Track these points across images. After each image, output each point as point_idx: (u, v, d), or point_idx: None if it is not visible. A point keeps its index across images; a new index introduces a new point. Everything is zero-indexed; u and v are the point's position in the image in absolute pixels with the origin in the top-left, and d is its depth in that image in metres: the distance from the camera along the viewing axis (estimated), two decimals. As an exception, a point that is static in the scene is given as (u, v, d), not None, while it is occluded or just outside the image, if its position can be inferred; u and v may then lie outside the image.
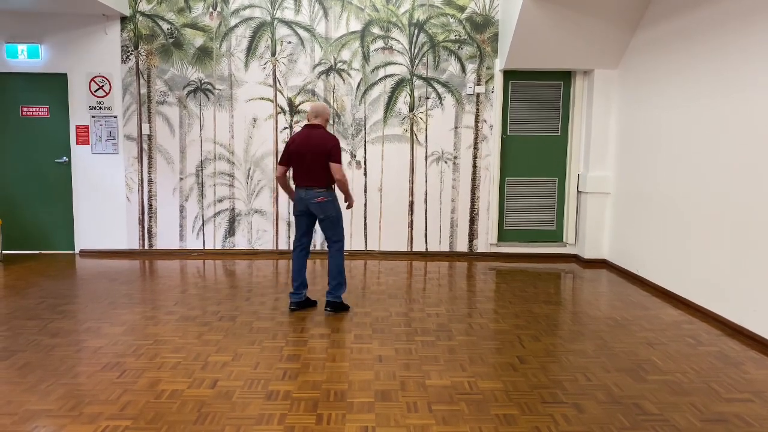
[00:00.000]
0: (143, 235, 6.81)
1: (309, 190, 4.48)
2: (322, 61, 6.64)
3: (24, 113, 6.64)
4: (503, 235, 6.92)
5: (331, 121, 6.68)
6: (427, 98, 6.69)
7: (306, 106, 6.66)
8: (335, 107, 6.68)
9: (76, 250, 6.83)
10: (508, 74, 6.67)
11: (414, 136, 6.74)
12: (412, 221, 6.87)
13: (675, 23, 5.19)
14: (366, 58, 6.64)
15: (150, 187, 6.76)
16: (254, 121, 6.69)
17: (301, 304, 4.68)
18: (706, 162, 4.71)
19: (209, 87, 6.64)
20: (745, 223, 4.22)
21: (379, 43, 6.63)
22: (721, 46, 4.53)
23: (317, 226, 4.78)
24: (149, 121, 6.67)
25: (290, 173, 4.68)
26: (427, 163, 6.78)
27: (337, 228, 4.60)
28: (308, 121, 4.59)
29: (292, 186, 4.71)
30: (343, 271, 4.61)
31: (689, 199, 4.93)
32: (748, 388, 3.31)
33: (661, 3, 5.44)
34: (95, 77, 6.58)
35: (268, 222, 6.83)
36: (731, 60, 4.41)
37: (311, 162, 4.44)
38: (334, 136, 4.53)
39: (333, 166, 4.44)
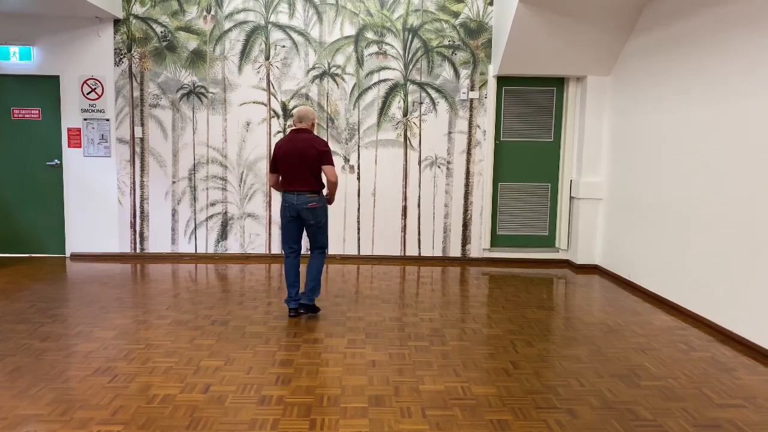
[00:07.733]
0: (135, 239, 6.77)
1: (300, 195, 4.42)
2: (316, 66, 6.64)
3: (15, 116, 6.59)
4: (496, 240, 6.93)
5: (324, 126, 6.68)
6: (421, 103, 6.70)
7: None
8: (329, 112, 6.68)
9: (67, 254, 6.78)
10: (502, 80, 6.69)
11: (407, 141, 6.75)
12: (405, 226, 6.87)
13: (667, 31, 5.23)
14: (360, 62, 6.65)
15: (142, 191, 6.73)
16: (247, 124, 6.68)
17: (305, 307, 4.57)
18: (698, 168, 4.74)
19: (203, 90, 6.62)
20: (737, 229, 4.25)
21: (373, 48, 6.64)
22: (712, 53, 4.57)
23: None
24: (142, 125, 6.64)
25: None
26: (420, 168, 6.78)
27: (324, 234, 4.59)
28: (294, 125, 4.53)
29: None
30: (321, 274, 4.60)
31: (681, 204, 4.96)
32: (741, 394, 3.32)
33: (653, 11, 5.49)
34: (88, 80, 6.55)
35: (261, 226, 6.81)
36: (722, 67, 4.45)
37: (301, 166, 4.38)
38: (322, 138, 4.50)
39: (327, 168, 4.40)
